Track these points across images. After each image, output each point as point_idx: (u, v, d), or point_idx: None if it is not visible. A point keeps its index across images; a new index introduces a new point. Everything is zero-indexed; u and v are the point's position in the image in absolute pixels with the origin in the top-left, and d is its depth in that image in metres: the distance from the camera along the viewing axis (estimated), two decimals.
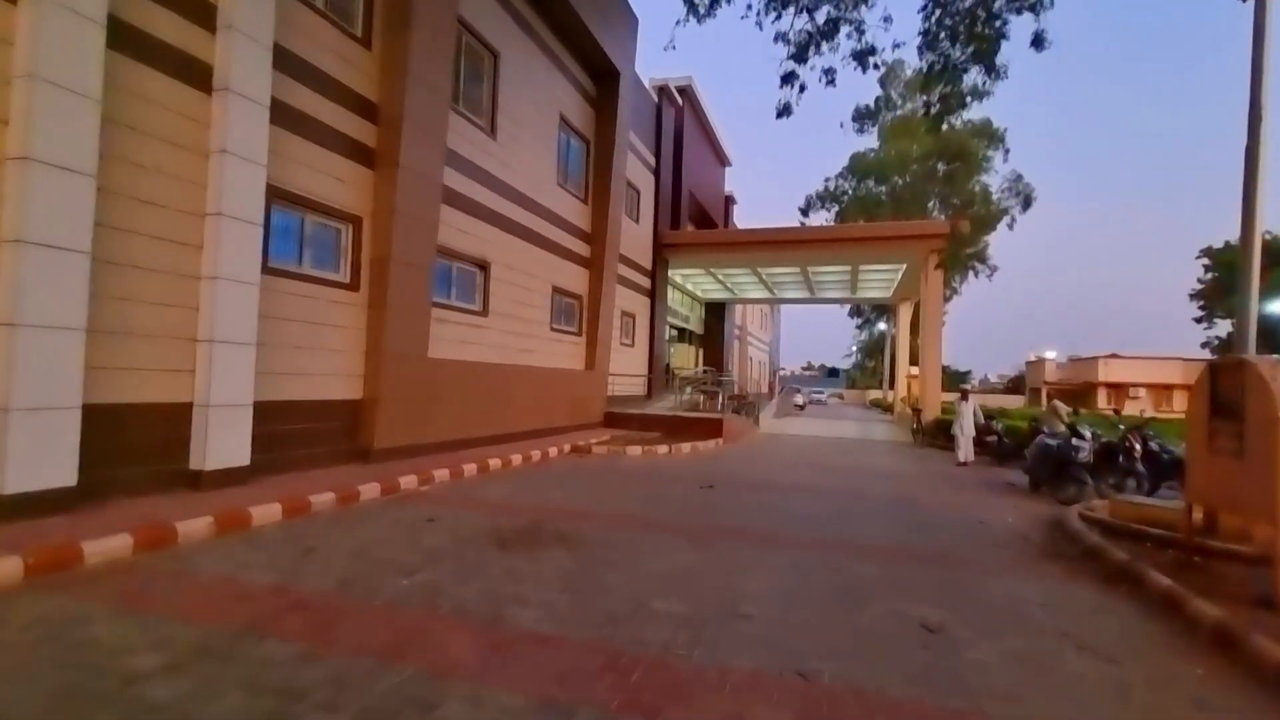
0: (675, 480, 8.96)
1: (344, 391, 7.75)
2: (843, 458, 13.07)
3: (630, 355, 17.95)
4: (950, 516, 7.24)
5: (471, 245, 10.23)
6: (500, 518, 6.10)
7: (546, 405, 12.55)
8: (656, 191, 19.64)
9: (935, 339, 17.41)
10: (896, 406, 27.09)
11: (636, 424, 14.99)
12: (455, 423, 9.55)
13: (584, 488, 7.99)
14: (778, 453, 13.44)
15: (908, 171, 38.38)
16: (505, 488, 7.68)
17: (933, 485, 9.73)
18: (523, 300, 11.89)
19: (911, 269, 20.20)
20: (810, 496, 8.17)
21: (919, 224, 18.74)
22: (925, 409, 16.87)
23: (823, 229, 18.10)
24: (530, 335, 12.26)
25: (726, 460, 11.59)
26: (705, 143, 25.59)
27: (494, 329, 10.91)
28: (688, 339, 28.23)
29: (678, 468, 10.28)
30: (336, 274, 7.70)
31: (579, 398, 13.95)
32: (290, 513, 5.66)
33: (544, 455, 10.43)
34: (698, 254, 20.17)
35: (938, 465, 12.31)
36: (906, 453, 14.66)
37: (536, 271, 12.40)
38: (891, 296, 26.40)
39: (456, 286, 10.06)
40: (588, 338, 14.74)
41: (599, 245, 14.78)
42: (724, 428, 14.33)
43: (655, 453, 11.81)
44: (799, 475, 10.10)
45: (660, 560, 4.89)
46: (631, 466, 10.16)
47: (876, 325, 53.61)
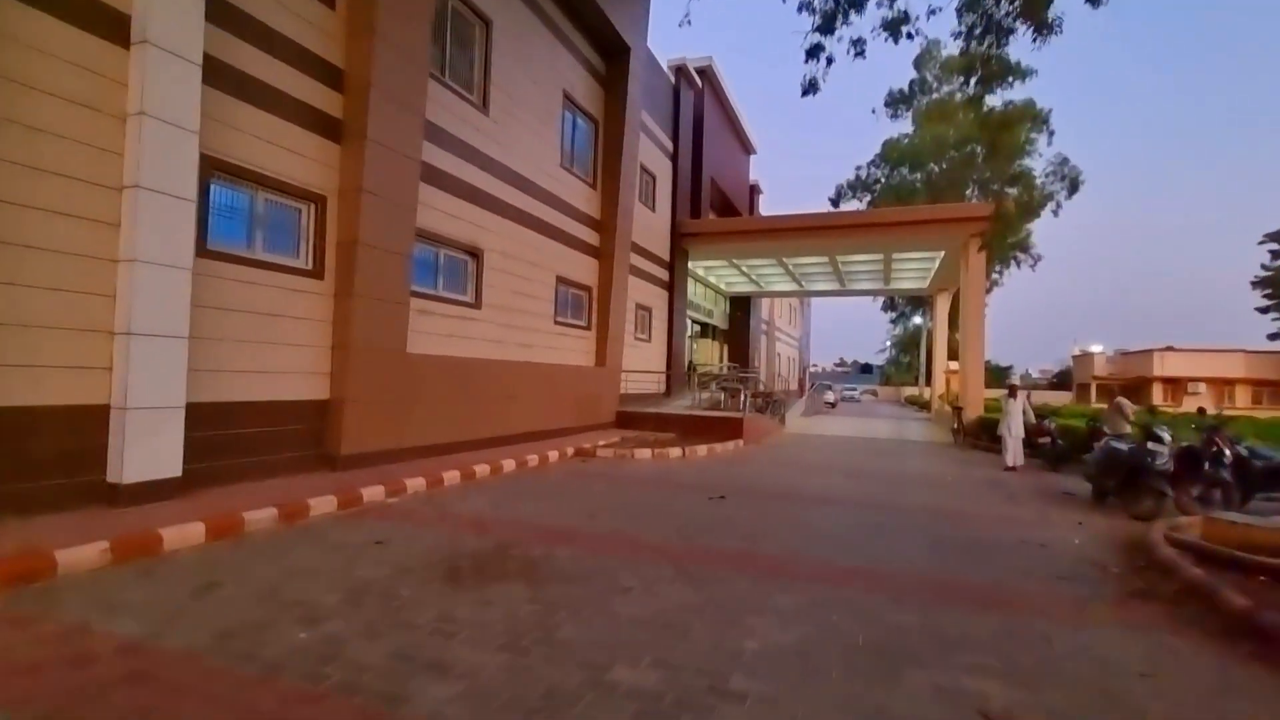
0: (683, 489, 7.97)
1: (307, 391, 6.95)
2: (875, 461, 11.87)
3: (646, 351, 16.98)
4: (1003, 536, 6.09)
5: (461, 230, 9.38)
6: (465, 538, 5.20)
7: (551, 405, 11.66)
8: (674, 178, 18.61)
9: (977, 331, 16.00)
10: (934, 404, 25.55)
11: (651, 424, 14.02)
12: (441, 425, 8.71)
13: (577, 499, 7.05)
14: (803, 455, 12.32)
15: (944, 157, 36.53)
16: (487, 499, 6.79)
17: (978, 494, 8.53)
18: (522, 291, 11.01)
19: (950, 257, 18.75)
20: (836, 509, 7.08)
21: (959, 206, 17.33)
22: (967, 407, 15.49)
23: (854, 213, 16.86)
24: (532, 329, 11.38)
25: (745, 464, 10.53)
26: (727, 128, 24.43)
27: (488, 322, 10.05)
28: (711, 334, 27.13)
29: (689, 474, 9.27)
30: (296, 260, 6.90)
31: (588, 396, 13.03)
32: (216, 534, 4.84)
33: (542, 460, 9.53)
34: (719, 244, 19.08)
35: (982, 470, 11.03)
36: (946, 455, 13.36)
37: (538, 260, 11.51)
38: (928, 287, 24.86)
39: (444, 275, 9.22)
40: (597, 332, 13.81)
41: (609, 233, 13.82)
42: (744, 428, 13.25)
43: (666, 456, 10.81)
44: (824, 482, 9.00)
45: (640, 601, 3.91)
46: (637, 472, 9.20)
47: (911, 319, 51.56)
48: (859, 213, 16.93)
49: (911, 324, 52.12)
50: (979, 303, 16.05)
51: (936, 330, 25.56)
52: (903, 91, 40.28)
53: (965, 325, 16.22)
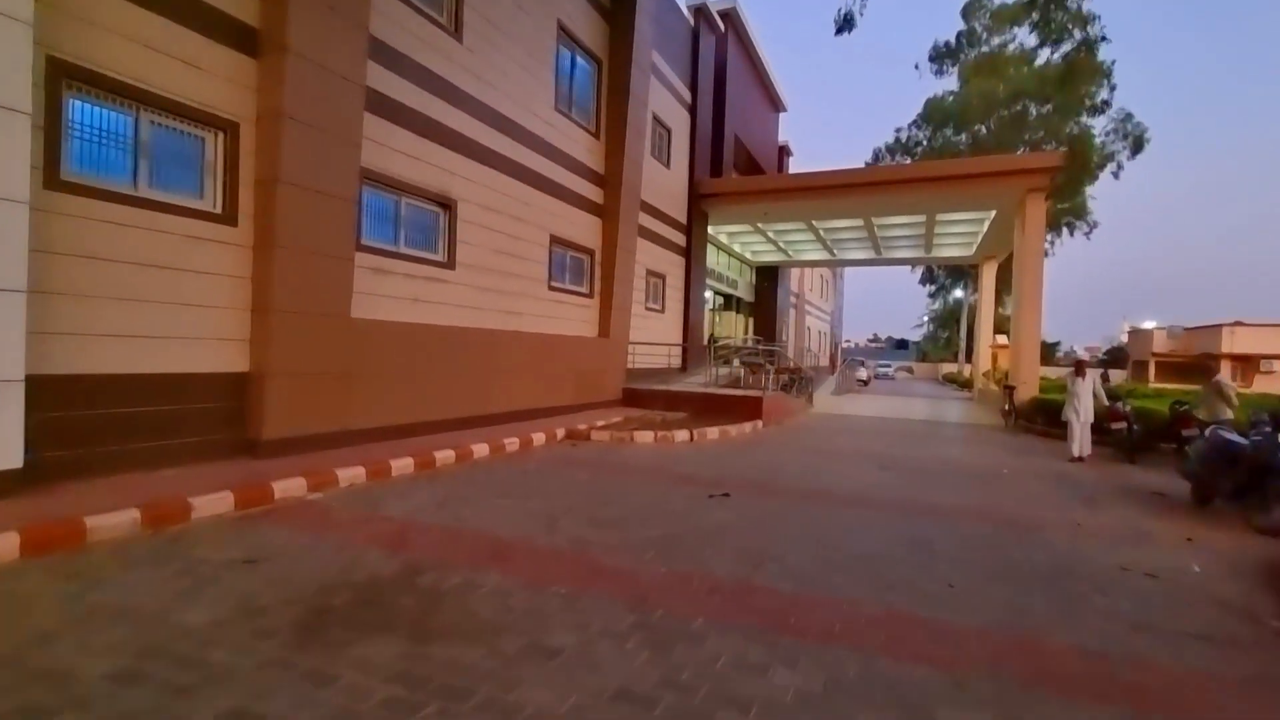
0: (681, 483, 6.60)
1: (218, 362, 5.75)
2: (914, 447, 10.31)
3: (659, 322, 15.54)
4: (1091, 558, 4.58)
5: (428, 177, 8.04)
6: (369, 556, 3.94)
7: (543, 380, 10.37)
8: (693, 133, 16.91)
9: (1034, 301, 14.11)
10: (978, 382, 23.57)
11: (661, 402, 12.66)
12: (402, 403, 7.49)
13: (545, 496, 5.75)
14: (831, 440, 10.82)
15: (992, 116, 33.73)
16: (433, 496, 5.54)
17: (1044, 493, 6.96)
18: (508, 251, 9.66)
19: (1002, 217, 16.73)
20: (867, 515, 5.63)
21: (1017, 158, 15.27)
22: (1019, 386, 13.71)
23: (893, 168, 15.00)
24: (520, 294, 10.05)
25: (761, 450, 9.10)
26: (754, 81, 22.45)
27: (465, 285, 8.74)
28: (735, 306, 25.51)
29: (693, 463, 7.91)
30: (199, 200, 5.64)
31: (588, 371, 11.71)
32: (35, 547, 3.67)
33: (524, 443, 8.27)
34: (743, 205, 17.38)
35: (1043, 460, 9.39)
36: (997, 441, 11.70)
37: (527, 217, 10.12)
38: (974, 255, 22.71)
39: (406, 229, 7.91)
40: (601, 300, 12.42)
41: (614, 189, 12.33)
42: (764, 408, 11.79)
43: (671, 440, 9.45)
44: (853, 476, 7.53)
45: (564, 678, 2.58)
46: (632, 460, 7.86)
47: (951, 292, 48.80)
48: (901, 167, 15.10)
49: (951, 298, 49.46)
50: (1037, 268, 14.12)
51: (982, 302, 23.44)
52: (948, 45, 37.34)
53: (1020, 294, 14.33)
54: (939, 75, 37.87)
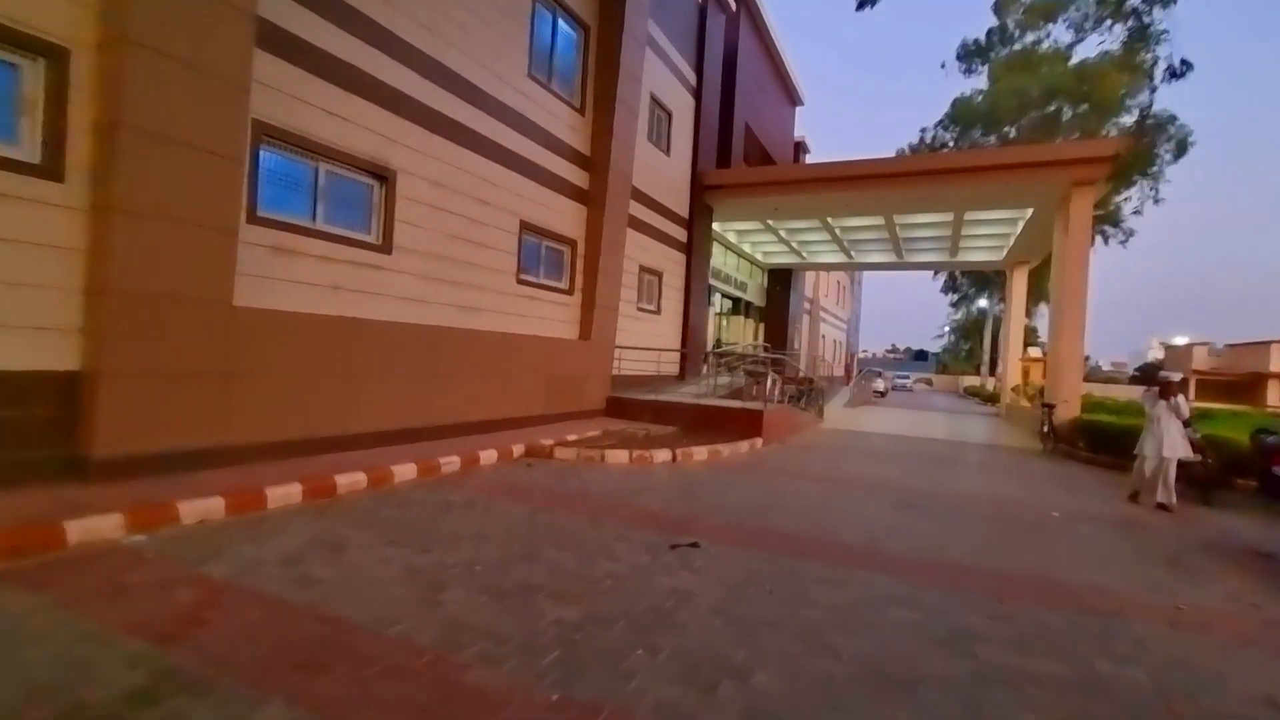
0: (642, 522, 5.16)
1: (34, 357, 4.42)
2: (938, 476, 8.75)
3: (654, 325, 14.10)
4: (1218, 677, 3.05)
5: (358, 141, 6.71)
6: (113, 656, 2.56)
7: (508, 387, 9.00)
8: (697, 119, 15.49)
9: (1077, 309, 12.47)
10: (1005, 397, 21.80)
11: (649, 414, 11.22)
12: (310, 412, 6.13)
13: (449, 545, 4.33)
14: (839, 464, 9.29)
15: (1024, 117, 31.91)
16: (297, 541, 4.15)
17: (1117, 553, 5.38)
18: (466, 236, 8.30)
19: (1041, 215, 15.07)
20: (879, 582, 4.13)
21: (1061, 146, 13.67)
22: (1060, 404, 12.06)
23: (919, 158, 13.47)
24: (482, 288, 8.68)
25: (755, 477, 7.62)
26: (768, 69, 21.01)
27: (406, 273, 7.39)
28: (744, 311, 24.00)
29: (668, 492, 6.46)
30: (9, 147, 4.33)
31: (566, 377, 10.31)
32: None
33: (468, 463, 6.88)
34: (751, 198, 15.90)
35: (1097, 498, 7.80)
36: (1036, 469, 10.08)
37: (492, 199, 8.76)
38: (1004, 259, 20.99)
39: (327, 203, 6.57)
40: (583, 298, 11.02)
41: (600, 173, 10.95)
42: (765, 423, 10.30)
43: (649, 461, 8.01)
44: (864, 514, 6.02)
45: None
46: (594, 487, 6.44)
47: (976, 302, 46.73)
48: (928, 156, 13.56)
49: (975, 307, 47.37)
50: (1080, 273, 12.48)
51: (1012, 311, 21.68)
52: (978, 43, 35.61)
53: (1061, 302, 12.69)
54: (968, 74, 36.17)
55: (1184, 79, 6.93)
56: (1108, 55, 32.04)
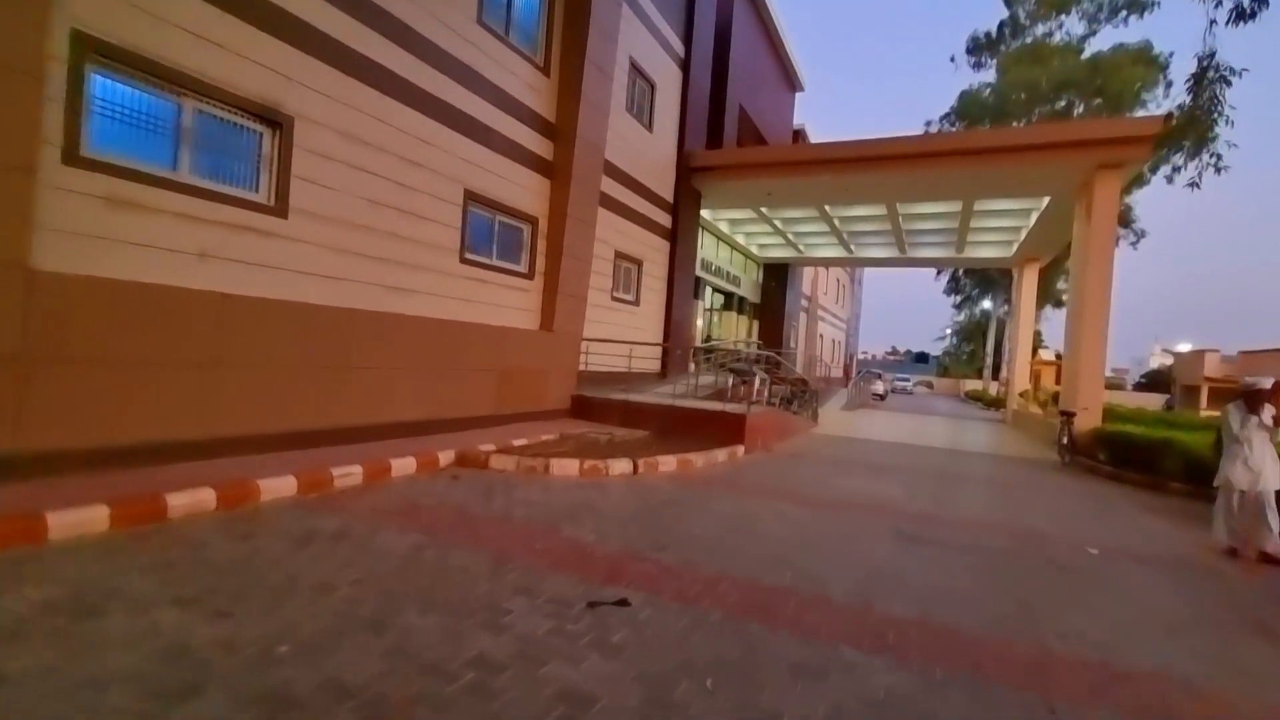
0: (561, 563, 3.90)
1: None
2: (944, 495, 7.49)
3: (632, 317, 12.83)
4: None
5: (240, 75, 5.43)
6: None
7: (449, 383, 7.74)
8: (685, 94, 14.21)
9: (1100, 307, 11.20)
10: (1012, 403, 20.54)
11: (618, 416, 9.97)
12: (152, 409, 4.85)
13: (259, 606, 3.05)
14: (830, 479, 8.02)
15: (1034, 109, 30.61)
16: (20, 603, 2.90)
17: (1201, 626, 4.12)
18: (391, 203, 7.03)
19: (1058, 205, 13.80)
20: (874, 675, 2.85)
21: (1086, 124, 12.35)
22: (1081, 412, 10.80)
23: (927, 138, 12.21)
24: (414, 266, 7.41)
25: (728, 495, 6.35)
26: (765, 49, 19.72)
27: (308, 243, 6.11)
28: (737, 306, 22.77)
29: (615, 515, 5.19)
30: None
31: (522, 372, 9.05)
32: None
33: (375, 475, 5.62)
34: (743, 181, 14.60)
35: (1139, 529, 6.53)
36: (1055, 487, 8.82)
37: (429, 161, 7.49)
38: (1013, 256, 19.72)
39: (195, 148, 5.28)
40: (546, 283, 9.75)
41: (567, 142, 9.67)
42: (747, 429, 9.05)
43: (603, 474, 6.75)
44: (855, 550, 4.75)
45: None
46: (517, 511, 5.17)
47: (979, 303, 45.44)
48: (936, 136, 12.30)
49: (979, 309, 46.10)
50: (1105, 266, 11.21)
51: (1021, 311, 20.40)
52: (988, 36, 34.40)
53: (1082, 299, 11.42)
54: (977, 69, 35.01)
55: (1254, 20, 5.62)
56: (1123, 47, 30.95)
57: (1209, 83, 5.81)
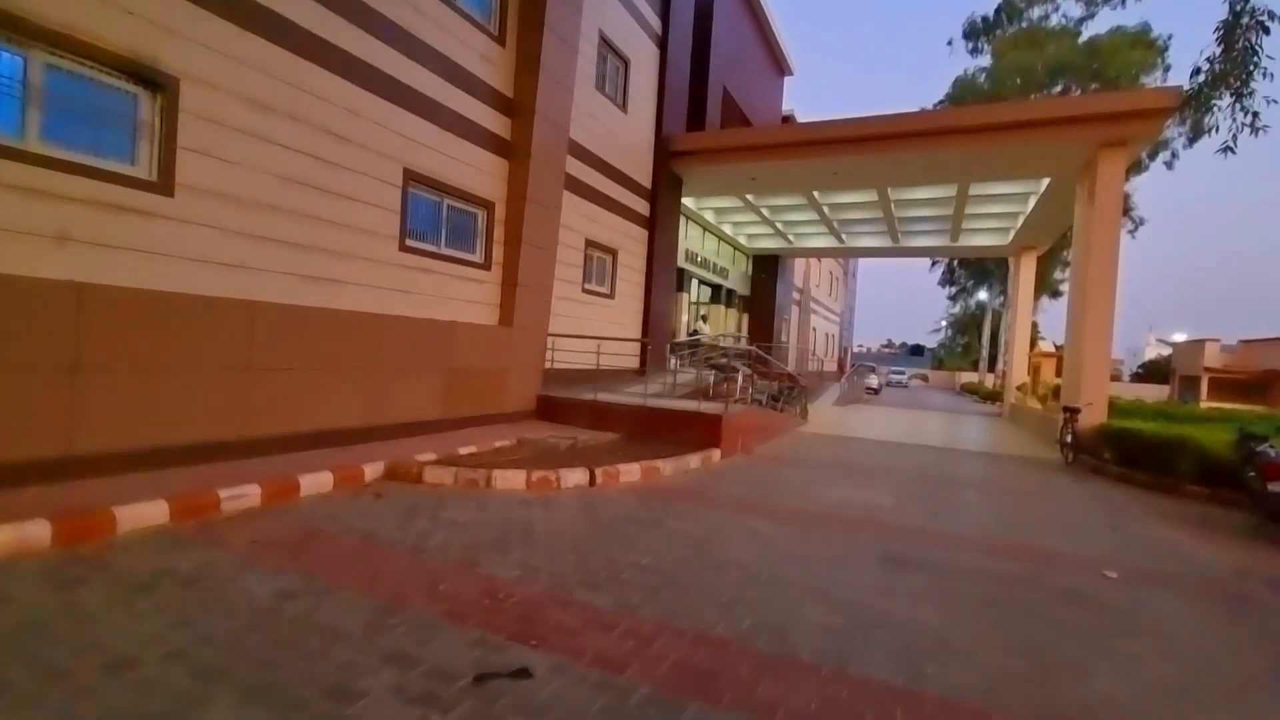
0: (459, 614, 3.10)
1: None
2: (940, 504, 6.72)
3: (607, 311, 12.02)
4: None
5: (105, 23, 4.59)
6: None
7: (387, 384, 6.93)
8: (663, 73, 13.36)
9: (1105, 293, 10.46)
10: (1009, 396, 19.84)
11: (587, 417, 9.18)
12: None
13: (41, 686, 2.28)
14: (812, 486, 7.24)
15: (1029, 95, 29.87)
16: None
17: (1261, 683, 3.37)
18: (312, 182, 6.20)
19: (1058, 188, 13.03)
20: None
21: (1088, 98, 11.61)
22: (1085, 407, 10.05)
23: (919, 116, 11.41)
24: (343, 254, 6.59)
25: (693, 511, 5.56)
26: (752, 30, 18.87)
27: (203, 225, 5.28)
28: (726, 299, 21.97)
29: (551, 540, 4.39)
30: None
31: (477, 372, 8.25)
32: None
33: (278, 494, 4.81)
34: (725, 166, 13.76)
35: (1159, 544, 5.78)
36: (1061, 489, 8.08)
37: (359, 136, 6.66)
38: (1009, 244, 18.97)
39: (47, 110, 4.44)
40: (504, 274, 8.94)
41: (525, 119, 8.84)
42: (724, 430, 8.27)
43: (554, 486, 5.96)
44: (830, 586, 3.96)
45: None
46: (439, 535, 4.37)
47: (975, 295, 44.72)
48: (929, 114, 11.52)
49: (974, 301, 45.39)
50: (1109, 250, 10.45)
51: (1018, 302, 19.68)
52: (985, 20, 33.70)
53: (1086, 287, 10.66)
54: (974, 54, 34.35)
55: None
56: (1120, 30, 30.22)
57: (1242, 30, 5.05)
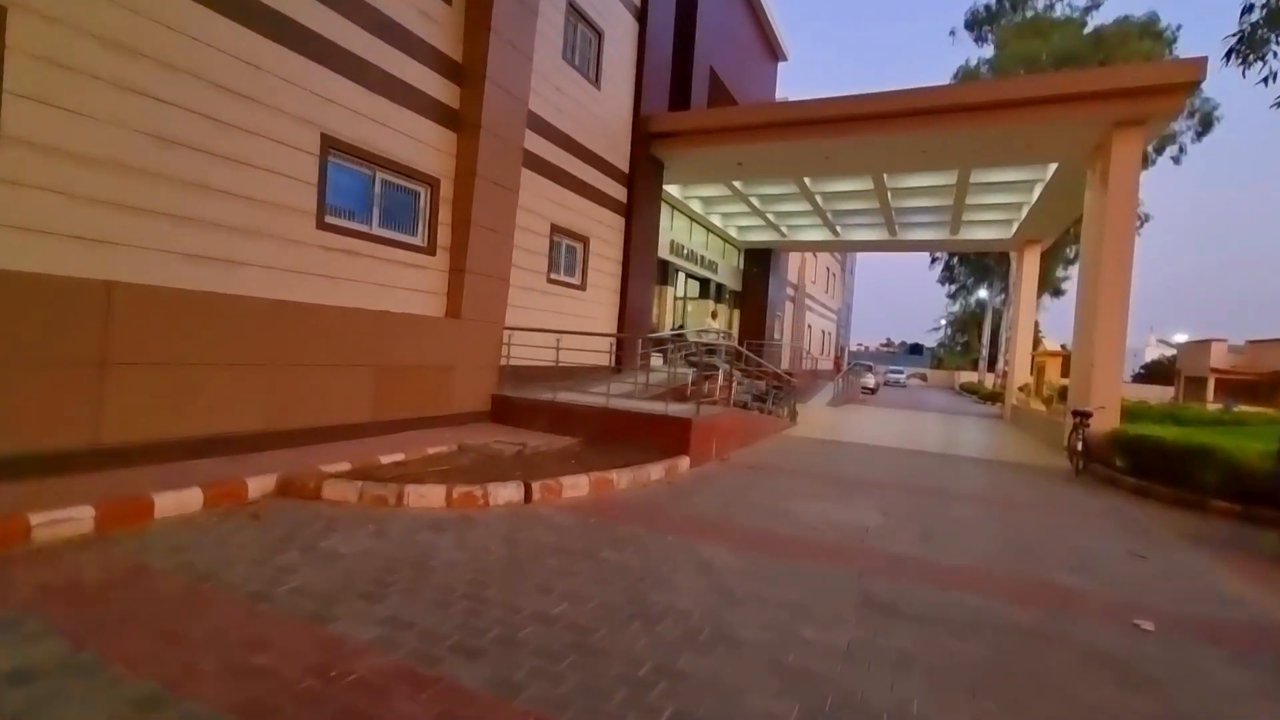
0: (265, 705, 2.18)
1: None
2: (934, 525, 5.80)
3: (577, 303, 11.09)
4: None
5: None
6: None
7: (299, 383, 6.01)
8: (642, 48, 12.42)
9: (1119, 285, 9.54)
10: (1010, 397, 18.94)
11: (545, 419, 8.27)
12: None
13: None
14: (790, 501, 6.31)
15: None
16: None
17: None
18: (193, 143, 5.26)
19: (1067, 174, 12.12)
20: None
21: (1103, 73, 10.59)
22: (1097, 410, 9.13)
23: (917, 93, 10.46)
24: (243, 230, 5.66)
25: (635, 538, 4.63)
26: (742, 9, 17.92)
27: (34, 188, 4.36)
28: (715, 295, 21.05)
29: (448, 580, 3.46)
30: None
31: (415, 368, 7.33)
32: None
33: (122, 515, 3.89)
34: (709, 149, 12.77)
35: (1195, 575, 4.86)
36: (1073, 506, 7.16)
37: (262, 94, 5.72)
38: (1012, 237, 18.04)
39: None
40: (452, 260, 8.01)
41: (476, 86, 7.91)
42: (693, 435, 7.36)
43: (479, 504, 5.04)
44: (789, 647, 3.04)
45: None
46: (303, 574, 3.45)
47: (974, 293, 43.78)
48: (928, 91, 10.49)
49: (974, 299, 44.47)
50: (1124, 239, 9.53)
51: (1021, 298, 18.75)
52: (989, 8, 32.92)
53: (1097, 279, 9.74)
54: (979, 43, 33.58)
55: None
56: (1127, 20, 29.29)
57: None
